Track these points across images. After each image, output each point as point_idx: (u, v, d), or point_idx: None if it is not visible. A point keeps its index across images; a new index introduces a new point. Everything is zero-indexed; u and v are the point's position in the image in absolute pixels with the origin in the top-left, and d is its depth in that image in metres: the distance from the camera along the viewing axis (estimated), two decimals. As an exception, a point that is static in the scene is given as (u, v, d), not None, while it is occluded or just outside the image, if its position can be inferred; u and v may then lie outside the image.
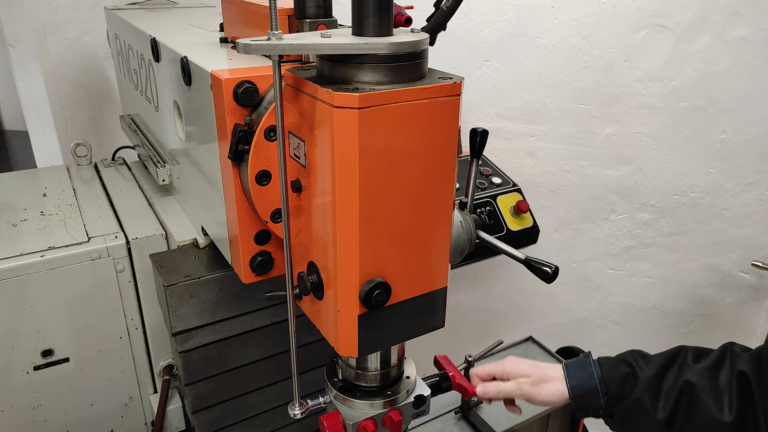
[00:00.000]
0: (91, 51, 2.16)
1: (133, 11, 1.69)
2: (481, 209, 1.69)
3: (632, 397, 1.04)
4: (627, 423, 1.06)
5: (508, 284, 2.43)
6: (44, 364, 1.17)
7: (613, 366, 1.08)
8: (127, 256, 1.18)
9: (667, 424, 1.02)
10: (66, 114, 2.20)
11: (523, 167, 2.18)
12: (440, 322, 0.85)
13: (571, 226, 2.30)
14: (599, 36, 1.95)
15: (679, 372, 1.03)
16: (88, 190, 1.42)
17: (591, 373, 1.08)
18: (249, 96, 0.81)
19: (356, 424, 0.90)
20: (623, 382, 1.05)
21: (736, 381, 0.98)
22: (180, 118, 1.13)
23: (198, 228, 1.18)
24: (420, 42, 0.70)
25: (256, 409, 1.23)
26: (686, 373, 1.02)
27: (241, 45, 0.66)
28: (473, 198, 1.02)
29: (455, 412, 1.46)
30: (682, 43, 1.95)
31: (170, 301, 1.05)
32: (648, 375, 1.04)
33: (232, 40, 1.09)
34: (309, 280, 0.80)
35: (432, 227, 0.77)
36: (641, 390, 1.03)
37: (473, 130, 1.00)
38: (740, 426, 0.96)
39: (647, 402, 1.02)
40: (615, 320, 2.48)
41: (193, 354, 1.10)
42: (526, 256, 0.95)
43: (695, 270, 2.31)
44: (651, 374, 1.04)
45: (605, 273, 2.38)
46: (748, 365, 0.98)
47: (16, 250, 1.12)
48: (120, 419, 1.31)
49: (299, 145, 0.76)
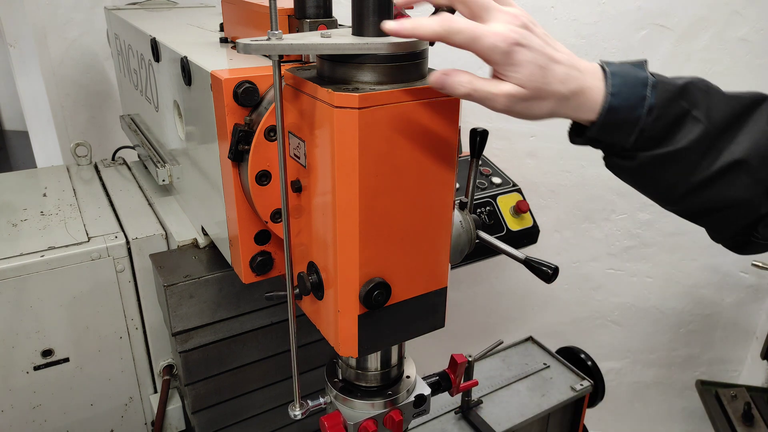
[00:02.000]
0: (91, 51, 2.16)
1: (133, 11, 1.69)
2: (481, 209, 1.69)
3: (678, 147, 0.71)
4: (648, 174, 0.75)
5: (508, 284, 2.43)
6: (44, 364, 1.17)
7: (672, 97, 0.71)
8: (127, 256, 1.18)
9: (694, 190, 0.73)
10: (66, 114, 2.20)
11: (523, 167, 2.18)
12: (440, 322, 0.85)
13: (571, 226, 2.30)
14: (599, 36, 1.95)
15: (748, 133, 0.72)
16: (88, 190, 1.42)
17: (641, 96, 0.70)
18: (249, 96, 0.81)
19: (357, 424, 0.90)
20: (675, 123, 0.72)
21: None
22: (180, 118, 1.13)
23: (198, 228, 1.18)
24: (420, 42, 0.70)
25: (256, 409, 1.23)
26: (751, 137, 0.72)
27: (241, 45, 0.66)
28: (473, 198, 1.02)
29: (455, 412, 1.46)
30: (682, 43, 1.95)
31: (170, 301, 1.05)
32: (712, 122, 0.72)
33: (232, 40, 1.09)
34: (309, 280, 0.80)
35: (432, 227, 0.77)
36: (695, 141, 0.71)
37: (473, 130, 1.00)
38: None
39: (693, 158, 0.72)
40: (615, 320, 2.48)
41: (193, 354, 1.10)
42: (526, 256, 0.95)
43: (695, 270, 2.31)
44: (715, 122, 0.72)
45: (605, 273, 2.38)
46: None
47: (16, 250, 1.12)
48: (120, 419, 1.31)
49: (299, 145, 0.76)
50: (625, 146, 0.72)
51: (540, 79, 0.65)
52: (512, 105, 0.66)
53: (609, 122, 0.70)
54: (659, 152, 0.71)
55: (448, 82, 0.65)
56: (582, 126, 0.73)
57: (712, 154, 0.72)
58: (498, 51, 0.63)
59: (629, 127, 0.70)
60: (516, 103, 0.66)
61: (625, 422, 2.68)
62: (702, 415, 2.24)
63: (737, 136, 0.72)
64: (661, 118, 0.70)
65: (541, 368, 1.57)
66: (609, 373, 2.52)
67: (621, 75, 0.71)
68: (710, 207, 0.75)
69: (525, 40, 0.64)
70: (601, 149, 0.76)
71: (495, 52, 0.64)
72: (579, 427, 1.60)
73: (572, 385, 1.51)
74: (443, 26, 0.63)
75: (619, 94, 0.69)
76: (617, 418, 2.65)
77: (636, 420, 2.70)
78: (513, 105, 0.66)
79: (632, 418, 2.70)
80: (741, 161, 0.71)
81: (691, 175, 0.72)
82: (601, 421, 2.51)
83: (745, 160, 0.71)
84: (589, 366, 1.58)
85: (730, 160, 0.71)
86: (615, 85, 0.70)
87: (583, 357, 1.59)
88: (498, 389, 1.50)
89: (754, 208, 0.73)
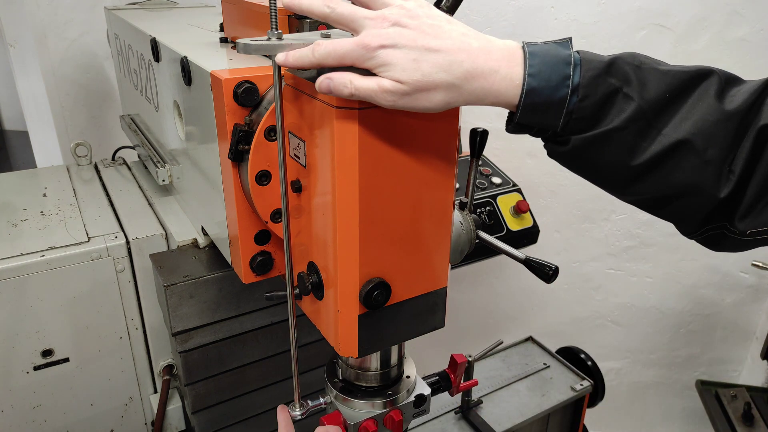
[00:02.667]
0: (91, 51, 2.16)
1: (133, 11, 1.69)
2: (481, 209, 1.69)
3: (609, 127, 0.67)
4: (584, 158, 0.70)
5: (508, 284, 2.43)
6: (44, 364, 1.17)
7: (598, 75, 0.67)
8: (127, 256, 1.18)
9: (638, 174, 0.69)
10: (66, 114, 2.20)
11: (523, 167, 2.18)
12: (440, 322, 0.85)
13: (571, 226, 2.30)
14: (599, 36, 1.95)
15: (690, 111, 0.67)
16: (88, 190, 1.42)
17: (563, 75, 0.66)
18: (249, 96, 0.81)
19: (357, 424, 0.90)
20: (605, 102, 0.67)
21: (754, 138, 0.66)
22: (180, 118, 1.13)
23: (198, 228, 1.18)
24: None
25: (256, 409, 1.23)
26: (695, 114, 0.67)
27: (241, 45, 0.66)
28: (473, 198, 1.02)
29: (455, 412, 1.46)
30: (682, 43, 1.95)
31: (170, 301, 1.05)
32: (646, 100, 0.67)
33: (232, 40, 1.09)
34: (309, 280, 0.80)
35: (432, 227, 0.77)
36: (628, 120, 0.67)
37: (473, 130, 1.00)
38: (731, 201, 0.68)
39: (628, 138, 0.67)
40: (615, 320, 2.48)
41: (193, 354, 1.10)
42: (526, 256, 0.95)
43: (695, 270, 2.31)
44: (650, 99, 0.67)
45: (605, 273, 2.38)
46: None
47: (16, 250, 1.12)
48: (120, 419, 1.31)
49: (299, 145, 0.76)
50: (555, 130, 0.68)
51: (414, 72, 0.64)
52: (397, 100, 0.65)
53: (531, 104, 0.66)
54: (591, 134, 0.67)
55: (332, 85, 0.65)
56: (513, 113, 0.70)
57: (651, 133, 0.67)
58: (365, 59, 0.64)
59: (555, 109, 0.67)
60: (400, 98, 0.65)
61: (625, 422, 2.68)
62: (702, 415, 2.24)
63: (677, 113, 0.67)
64: (588, 97, 0.66)
65: (541, 368, 1.57)
66: (609, 373, 2.52)
67: (540, 55, 0.66)
68: (661, 195, 0.70)
69: (390, 40, 0.64)
70: (536, 136, 0.72)
71: (364, 62, 0.64)
72: (579, 427, 1.60)
73: (572, 385, 1.51)
74: (315, 53, 0.66)
75: (538, 74, 0.66)
76: (617, 418, 2.65)
77: (636, 420, 2.70)
78: (398, 100, 0.65)
79: (632, 418, 2.70)
80: (684, 140, 0.66)
81: (630, 158, 0.68)
82: (601, 421, 2.51)
83: (688, 140, 0.66)
84: (589, 366, 1.58)
85: (672, 140, 0.66)
86: (533, 65, 0.66)
87: (583, 357, 1.59)
88: (498, 389, 1.50)
89: (709, 193, 0.68)
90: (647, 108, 0.67)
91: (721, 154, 0.67)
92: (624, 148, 0.68)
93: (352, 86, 0.64)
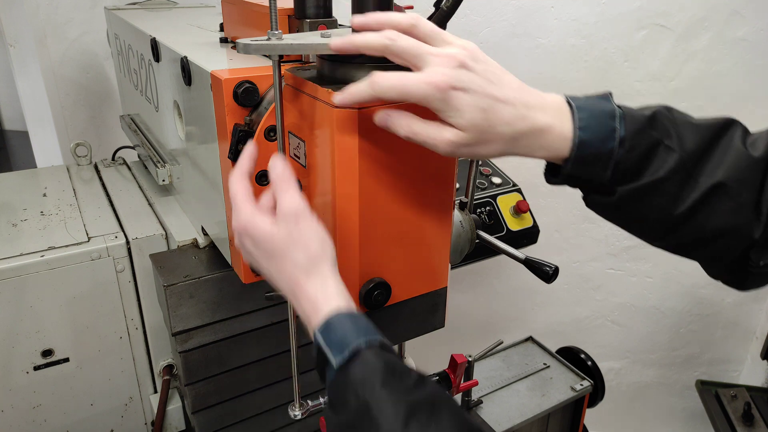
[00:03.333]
0: (91, 51, 2.16)
1: (133, 11, 1.69)
2: (481, 209, 1.69)
3: (655, 177, 0.69)
4: (630, 209, 0.73)
5: (508, 284, 2.43)
6: (44, 364, 1.17)
7: (642, 128, 0.69)
8: (127, 256, 1.18)
9: (679, 222, 0.71)
10: (66, 114, 2.19)
11: (523, 167, 2.17)
12: (440, 322, 0.85)
13: (571, 226, 2.30)
14: (599, 36, 1.95)
15: (721, 158, 0.70)
16: (88, 190, 1.42)
17: (610, 128, 0.68)
18: (249, 96, 0.81)
19: (356, 424, 0.90)
20: (648, 154, 0.70)
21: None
22: (180, 118, 1.13)
23: (198, 228, 1.18)
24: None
25: (256, 409, 1.23)
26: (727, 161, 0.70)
27: (241, 45, 0.66)
28: (473, 198, 1.02)
29: (455, 412, 1.46)
30: (682, 43, 1.95)
31: (170, 301, 1.05)
32: (686, 150, 0.70)
33: (232, 40, 1.09)
34: (309, 280, 0.80)
35: (432, 227, 0.77)
36: (671, 171, 0.69)
37: (473, 130, 1.00)
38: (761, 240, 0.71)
39: (672, 188, 0.70)
40: (615, 320, 2.48)
41: (193, 354, 1.10)
42: (526, 256, 0.95)
43: (695, 270, 2.30)
44: (689, 150, 0.70)
45: (605, 273, 2.38)
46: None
47: (16, 250, 1.12)
48: (120, 419, 1.31)
49: (299, 145, 0.76)
50: (602, 181, 0.70)
51: (483, 123, 0.63)
52: (455, 150, 0.65)
53: (582, 157, 0.68)
54: (638, 184, 0.70)
55: (389, 122, 0.65)
56: (556, 165, 0.72)
57: (691, 182, 0.70)
58: (433, 99, 0.62)
59: (604, 160, 0.69)
60: (459, 149, 0.65)
61: (625, 422, 2.68)
62: (702, 415, 2.24)
63: (711, 161, 0.71)
64: (635, 149, 0.68)
65: (541, 368, 1.57)
66: (609, 373, 2.52)
67: (587, 108, 0.69)
68: (698, 238, 0.73)
69: (461, 83, 0.62)
70: (579, 187, 0.74)
71: (431, 101, 0.62)
72: (579, 427, 1.60)
73: (572, 385, 1.51)
74: (372, 88, 0.63)
75: (588, 128, 0.68)
76: (617, 418, 2.65)
77: (636, 420, 2.71)
78: (456, 150, 0.65)
79: (632, 418, 2.70)
80: (720, 184, 0.69)
81: (673, 206, 0.70)
82: (601, 421, 2.51)
83: (723, 183, 0.69)
84: (589, 366, 1.57)
85: (709, 185, 0.69)
86: (583, 119, 0.68)
87: (583, 357, 1.59)
88: (498, 389, 1.50)
89: (745, 234, 0.71)
90: (687, 158, 0.69)
91: (753, 197, 0.70)
92: (669, 197, 0.70)
93: (409, 129, 0.65)
